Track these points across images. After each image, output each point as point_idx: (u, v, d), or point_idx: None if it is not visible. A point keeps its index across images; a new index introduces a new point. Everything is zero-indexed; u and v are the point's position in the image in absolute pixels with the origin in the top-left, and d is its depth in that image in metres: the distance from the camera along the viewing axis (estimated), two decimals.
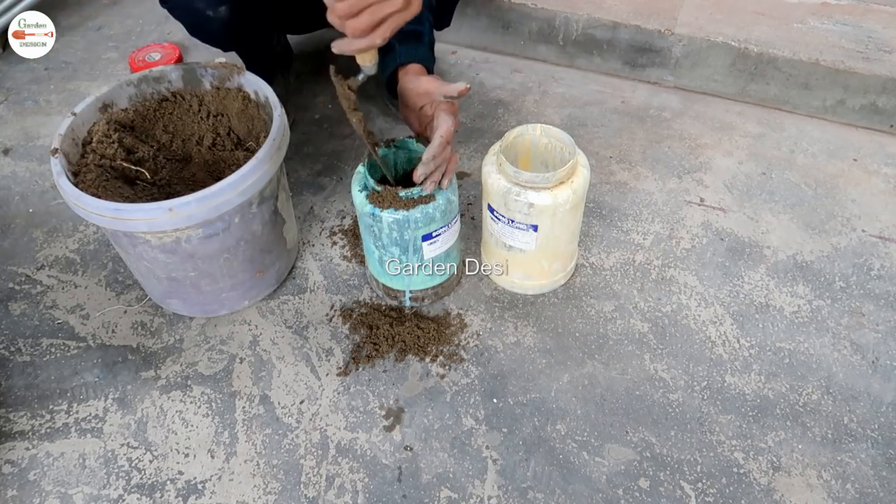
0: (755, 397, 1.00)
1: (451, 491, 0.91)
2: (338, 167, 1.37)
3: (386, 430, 0.98)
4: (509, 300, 1.12)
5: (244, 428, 0.98)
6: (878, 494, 0.90)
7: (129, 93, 1.09)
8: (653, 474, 0.92)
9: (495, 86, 1.55)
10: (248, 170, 0.93)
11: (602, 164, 1.35)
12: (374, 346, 1.06)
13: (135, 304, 1.14)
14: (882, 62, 1.37)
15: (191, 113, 1.11)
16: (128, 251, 1.00)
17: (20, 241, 1.25)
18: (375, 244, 1.02)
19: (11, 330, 1.11)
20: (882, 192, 1.29)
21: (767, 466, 0.93)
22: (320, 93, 1.54)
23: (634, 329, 1.08)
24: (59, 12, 1.80)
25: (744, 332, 1.08)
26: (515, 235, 1.02)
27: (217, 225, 0.95)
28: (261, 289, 1.12)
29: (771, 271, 1.16)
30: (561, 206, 0.96)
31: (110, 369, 1.06)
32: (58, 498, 0.92)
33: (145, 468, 0.95)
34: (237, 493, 0.92)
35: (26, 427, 0.99)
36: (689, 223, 1.24)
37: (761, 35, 1.44)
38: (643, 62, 1.53)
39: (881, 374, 1.02)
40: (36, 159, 1.41)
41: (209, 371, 1.05)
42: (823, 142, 1.39)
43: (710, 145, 1.39)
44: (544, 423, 0.98)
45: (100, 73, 1.63)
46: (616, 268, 1.17)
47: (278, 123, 0.99)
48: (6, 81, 1.61)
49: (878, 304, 1.11)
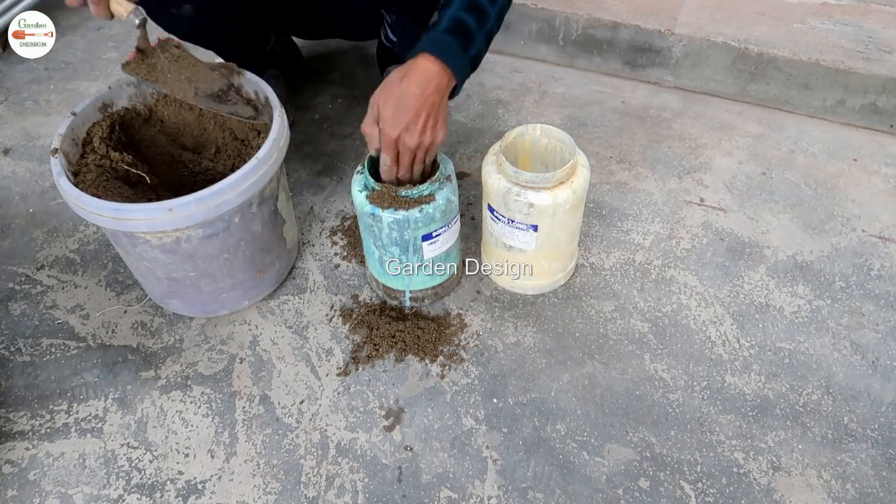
0: (755, 397, 1.00)
1: (451, 491, 0.91)
2: (338, 167, 1.37)
3: (386, 430, 0.98)
4: (509, 300, 1.12)
5: (244, 428, 0.98)
6: (878, 494, 0.90)
7: (129, 93, 1.09)
8: (653, 474, 0.92)
9: (495, 86, 1.55)
10: (248, 170, 0.93)
11: (602, 164, 1.35)
12: (374, 346, 1.06)
13: (135, 304, 1.15)
14: (882, 62, 1.37)
15: (191, 113, 1.11)
16: (128, 251, 1.00)
17: (20, 241, 1.25)
18: (375, 244, 1.02)
19: (11, 330, 1.11)
20: (882, 192, 1.29)
21: (767, 466, 0.93)
22: (320, 93, 1.54)
23: (634, 329, 1.08)
24: (59, 12, 1.80)
25: (744, 332, 1.08)
26: (515, 235, 1.02)
27: (217, 225, 0.95)
28: (261, 289, 1.12)
29: (771, 271, 1.16)
30: (561, 206, 0.96)
31: (110, 369, 1.06)
32: (58, 498, 0.92)
33: (145, 468, 0.95)
34: (237, 493, 0.92)
35: (26, 427, 0.99)
36: (689, 223, 1.24)
37: (761, 35, 1.44)
38: (643, 62, 1.53)
39: (881, 374, 1.02)
40: (36, 159, 1.41)
41: (209, 371, 1.05)
42: (823, 142, 1.39)
43: (710, 145, 1.39)
44: (544, 423, 0.98)
45: (100, 73, 1.63)
46: (616, 268, 1.17)
47: (278, 123, 0.99)
48: (6, 81, 1.61)
49: (878, 304, 1.11)
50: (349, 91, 1.54)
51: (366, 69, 1.59)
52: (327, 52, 1.64)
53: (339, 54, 1.64)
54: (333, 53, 1.64)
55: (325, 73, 1.59)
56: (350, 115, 1.48)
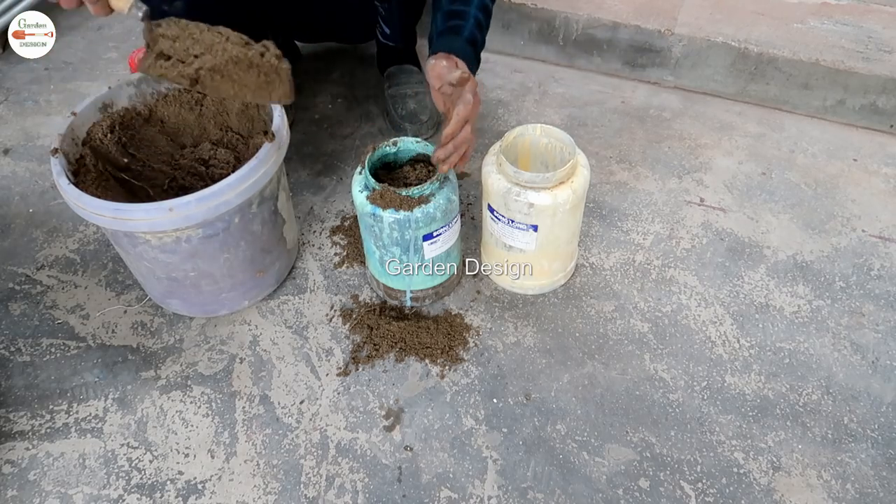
0: (755, 397, 1.00)
1: (451, 491, 0.91)
2: (338, 167, 1.37)
3: (386, 430, 0.98)
4: (509, 300, 1.12)
5: (244, 428, 0.98)
6: (878, 494, 0.90)
7: (129, 93, 1.09)
8: (653, 474, 0.92)
9: (495, 86, 1.55)
10: (248, 170, 0.93)
11: (602, 164, 1.35)
12: (375, 346, 1.06)
13: (135, 304, 1.15)
14: (882, 62, 1.37)
15: (191, 113, 1.11)
16: (128, 251, 1.00)
17: (20, 241, 1.25)
18: (376, 244, 1.02)
19: (11, 330, 1.11)
20: (882, 192, 1.29)
21: (767, 466, 0.93)
22: (320, 93, 1.54)
23: (634, 329, 1.08)
24: (59, 12, 1.80)
25: (744, 332, 1.08)
26: (515, 235, 1.02)
27: (217, 225, 0.95)
28: (261, 289, 1.12)
29: (771, 271, 1.16)
30: (561, 206, 0.96)
31: (110, 369, 1.06)
32: (58, 498, 0.92)
33: (145, 468, 0.95)
34: (237, 493, 0.92)
35: (26, 427, 0.99)
36: (689, 223, 1.24)
37: (761, 35, 1.45)
38: (643, 62, 1.53)
39: (881, 374, 1.02)
40: (36, 159, 1.41)
41: (209, 371, 1.05)
42: (823, 142, 1.39)
43: (710, 145, 1.39)
44: (544, 423, 0.98)
45: (100, 73, 1.63)
46: (616, 268, 1.17)
47: (278, 123, 0.99)
48: (6, 81, 1.61)
49: (878, 304, 1.11)
50: (349, 91, 1.54)
51: (366, 69, 1.59)
52: (327, 52, 1.64)
53: (340, 54, 1.64)
54: (333, 53, 1.64)
55: (325, 73, 1.59)
56: (350, 115, 1.48)
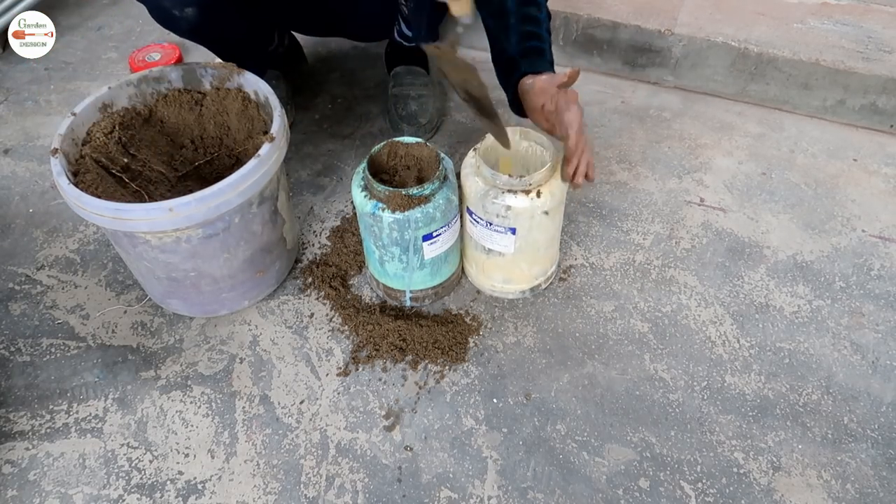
0: (755, 397, 1.00)
1: (451, 491, 0.91)
2: (338, 167, 1.37)
3: (386, 430, 0.98)
4: (509, 300, 1.12)
5: (244, 428, 0.98)
6: (878, 494, 0.90)
7: (129, 93, 1.09)
8: (653, 474, 0.92)
9: (495, 86, 1.55)
10: (248, 170, 0.93)
11: (602, 164, 1.35)
12: (374, 346, 1.06)
13: (135, 304, 1.15)
14: (882, 62, 1.37)
15: (191, 113, 1.11)
16: (128, 251, 1.00)
17: (20, 241, 1.25)
18: (376, 244, 1.02)
19: (11, 330, 1.11)
20: (882, 192, 1.29)
21: (767, 466, 0.93)
22: (320, 93, 1.54)
23: (634, 329, 1.08)
24: (59, 12, 1.80)
25: (744, 332, 1.08)
26: (494, 238, 1.02)
27: (217, 225, 0.95)
28: (261, 289, 1.12)
29: (771, 271, 1.16)
30: (539, 209, 0.96)
31: (110, 369, 1.06)
32: (58, 498, 0.92)
33: (145, 468, 0.95)
34: (237, 493, 0.92)
35: (26, 427, 0.99)
36: (689, 223, 1.24)
37: (761, 35, 1.44)
38: (643, 62, 1.53)
39: (881, 374, 1.02)
40: (36, 159, 1.41)
41: (209, 371, 1.05)
42: (823, 142, 1.39)
43: (710, 145, 1.39)
44: (544, 423, 0.98)
45: (100, 73, 1.63)
46: (616, 268, 1.17)
47: (278, 123, 0.99)
48: (6, 81, 1.61)
49: (878, 304, 1.11)
50: (349, 91, 1.54)
51: (365, 69, 1.59)
52: (327, 52, 1.64)
53: (340, 54, 1.64)
54: (334, 53, 1.64)
55: (325, 73, 1.59)
56: (350, 115, 1.48)
